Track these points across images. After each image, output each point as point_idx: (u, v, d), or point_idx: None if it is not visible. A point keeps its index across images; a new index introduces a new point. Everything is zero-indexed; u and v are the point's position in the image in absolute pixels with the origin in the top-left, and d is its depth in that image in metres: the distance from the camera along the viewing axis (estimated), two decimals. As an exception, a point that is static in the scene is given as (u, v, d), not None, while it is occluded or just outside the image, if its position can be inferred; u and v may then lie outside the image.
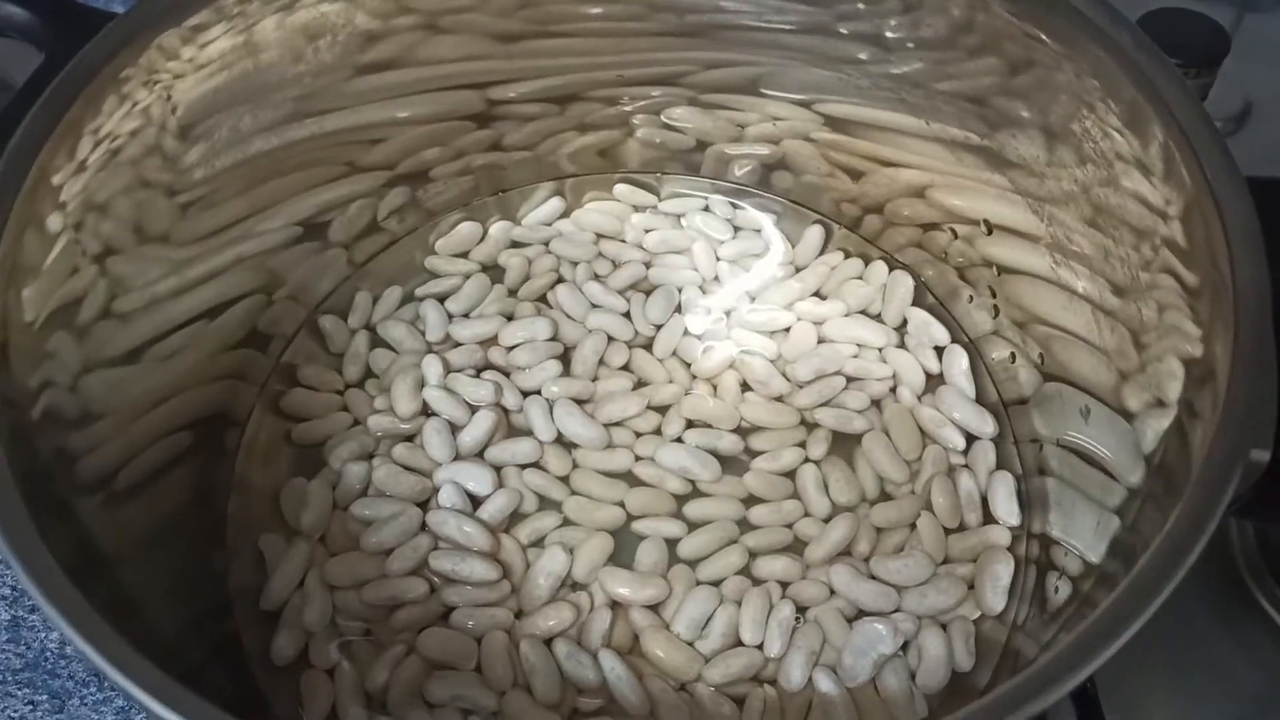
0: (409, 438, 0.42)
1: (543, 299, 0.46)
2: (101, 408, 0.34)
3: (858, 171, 0.45)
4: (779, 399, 0.43)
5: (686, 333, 0.45)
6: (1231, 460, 0.24)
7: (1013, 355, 0.42)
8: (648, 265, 0.47)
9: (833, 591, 0.38)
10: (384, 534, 0.39)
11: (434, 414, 0.42)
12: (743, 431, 0.42)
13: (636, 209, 0.49)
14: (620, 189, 0.49)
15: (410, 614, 0.37)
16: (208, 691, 0.24)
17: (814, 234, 0.47)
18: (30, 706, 0.41)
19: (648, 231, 0.48)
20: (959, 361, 0.43)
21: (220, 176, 0.39)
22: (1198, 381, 0.28)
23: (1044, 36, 0.33)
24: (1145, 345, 0.33)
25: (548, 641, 0.37)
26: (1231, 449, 0.24)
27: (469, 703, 0.36)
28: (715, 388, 0.43)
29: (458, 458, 0.41)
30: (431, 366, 0.43)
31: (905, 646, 0.37)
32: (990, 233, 0.41)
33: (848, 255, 0.47)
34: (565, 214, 0.49)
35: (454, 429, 0.42)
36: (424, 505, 0.40)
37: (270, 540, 0.39)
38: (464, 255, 0.48)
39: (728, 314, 0.45)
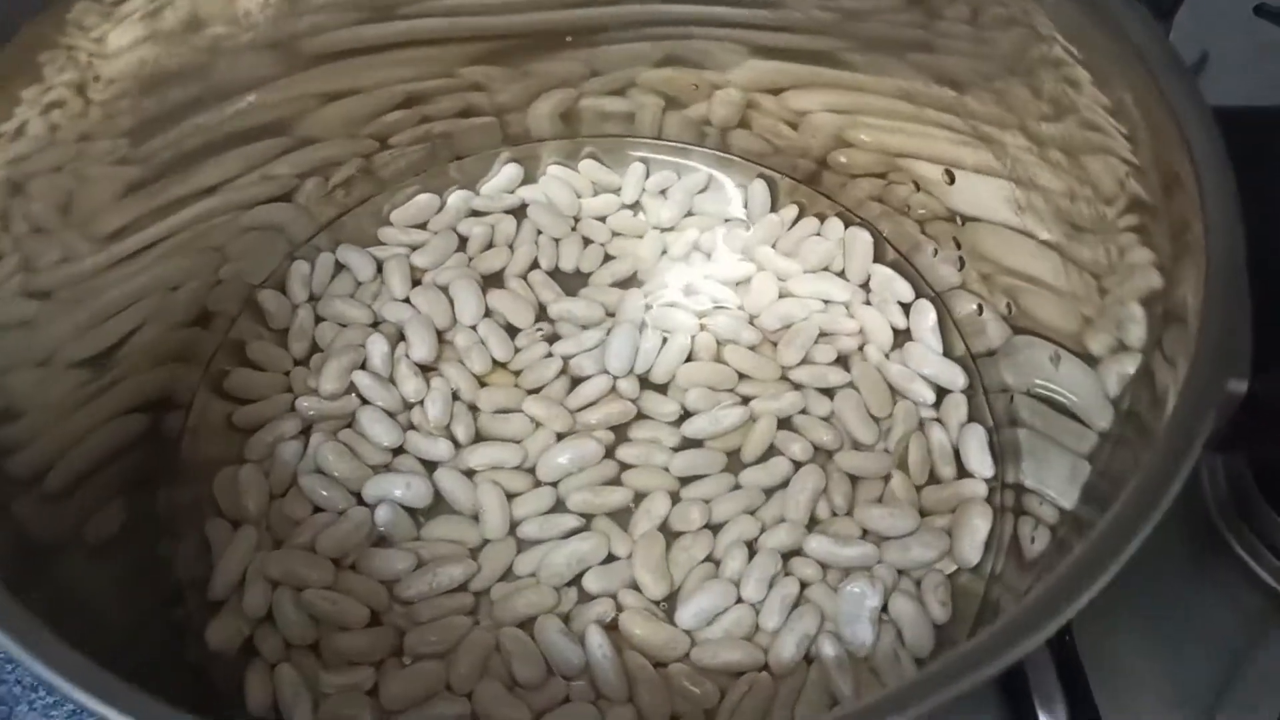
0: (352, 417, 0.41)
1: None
2: (27, 404, 0.33)
3: (805, 123, 0.44)
4: (753, 350, 0.42)
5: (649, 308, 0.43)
6: (1208, 393, 0.23)
7: (980, 308, 0.41)
8: (612, 234, 0.46)
9: (825, 567, 0.37)
10: (333, 536, 0.37)
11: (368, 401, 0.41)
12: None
13: (597, 184, 0.47)
14: (585, 164, 0.48)
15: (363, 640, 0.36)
16: (160, 684, 0.23)
17: (760, 189, 0.46)
18: (-26, 713, 0.39)
19: (598, 194, 0.47)
20: (926, 316, 0.42)
21: (158, 155, 0.37)
22: (1163, 320, 0.28)
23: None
24: (1108, 289, 0.32)
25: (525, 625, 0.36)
26: (1208, 382, 0.23)
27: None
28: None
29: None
30: (376, 345, 0.41)
31: (886, 607, 0.36)
32: (953, 181, 0.40)
33: (803, 211, 0.46)
34: (524, 181, 0.47)
35: (406, 407, 0.41)
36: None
37: (216, 526, 0.38)
38: (422, 226, 0.46)
39: (688, 285, 0.44)
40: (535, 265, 0.45)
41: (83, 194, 0.35)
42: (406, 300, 0.43)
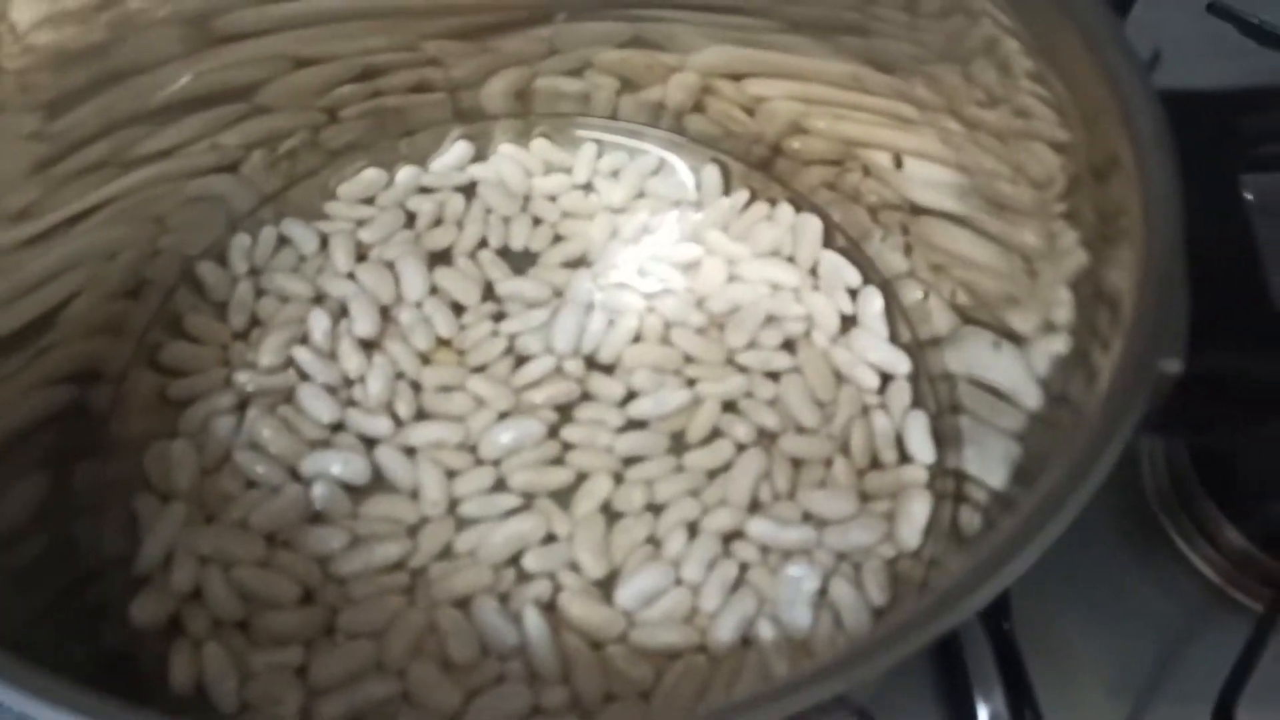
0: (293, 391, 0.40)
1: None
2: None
3: (762, 110, 0.43)
4: (700, 333, 0.42)
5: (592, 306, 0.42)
6: (1141, 374, 0.23)
7: (925, 294, 0.41)
8: (562, 214, 0.45)
9: (765, 550, 0.37)
10: (267, 512, 0.37)
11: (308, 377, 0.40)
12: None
13: (548, 163, 0.47)
14: (537, 143, 0.47)
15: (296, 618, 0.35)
16: (74, 668, 0.22)
17: (712, 173, 0.46)
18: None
19: (549, 174, 0.46)
20: (873, 303, 0.42)
21: (78, 128, 0.36)
22: (1095, 302, 0.28)
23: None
24: (1039, 272, 0.32)
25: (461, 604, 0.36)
26: (1140, 363, 0.23)
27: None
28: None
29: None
30: (318, 320, 0.41)
31: (824, 591, 0.36)
32: (900, 167, 0.40)
33: (754, 196, 0.45)
34: (475, 159, 0.46)
35: (347, 384, 0.40)
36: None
37: (145, 501, 0.37)
38: (369, 201, 0.45)
39: (638, 266, 0.44)
40: (484, 244, 0.44)
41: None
42: (350, 275, 0.42)
